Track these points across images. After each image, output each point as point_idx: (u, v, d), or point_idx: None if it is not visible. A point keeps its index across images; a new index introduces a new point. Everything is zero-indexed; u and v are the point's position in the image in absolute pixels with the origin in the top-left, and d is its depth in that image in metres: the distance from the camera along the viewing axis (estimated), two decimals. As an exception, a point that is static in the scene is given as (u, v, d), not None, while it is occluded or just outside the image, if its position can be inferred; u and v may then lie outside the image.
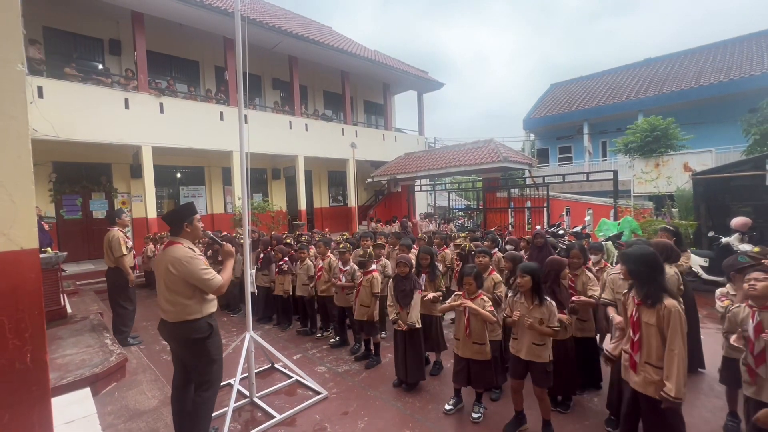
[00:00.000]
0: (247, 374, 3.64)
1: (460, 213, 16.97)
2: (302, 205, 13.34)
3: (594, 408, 3.33)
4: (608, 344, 2.79)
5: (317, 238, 6.92)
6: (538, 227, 10.28)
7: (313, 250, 5.82)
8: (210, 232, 3.59)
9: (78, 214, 10.46)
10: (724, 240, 6.35)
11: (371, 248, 4.93)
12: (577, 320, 3.43)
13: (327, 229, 12.21)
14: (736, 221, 6.23)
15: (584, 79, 23.76)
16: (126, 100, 9.46)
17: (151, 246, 8.33)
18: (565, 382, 3.25)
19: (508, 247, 5.48)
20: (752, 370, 2.37)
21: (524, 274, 2.89)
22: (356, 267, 4.76)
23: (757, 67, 15.55)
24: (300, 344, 5.12)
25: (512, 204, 12.69)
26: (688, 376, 2.46)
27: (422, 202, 17.76)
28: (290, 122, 12.99)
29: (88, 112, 8.82)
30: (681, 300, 2.29)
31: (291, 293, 5.75)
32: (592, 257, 4.10)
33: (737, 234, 6.17)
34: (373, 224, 12.84)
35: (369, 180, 16.46)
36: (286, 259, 5.86)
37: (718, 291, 3.06)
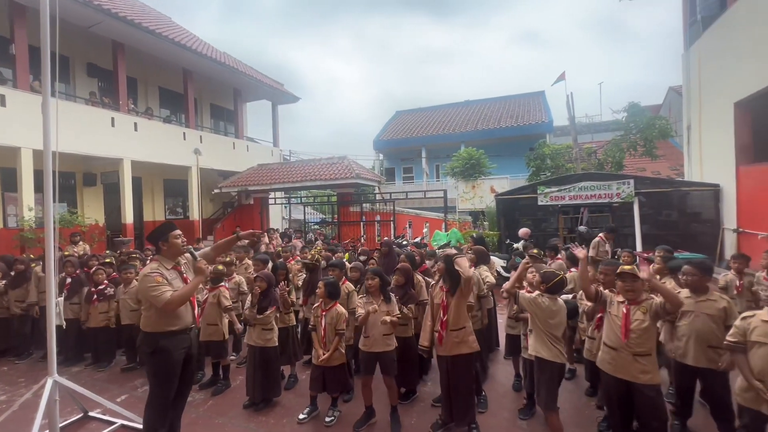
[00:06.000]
0: (48, 431, 2.87)
1: (316, 226, 17.18)
2: (128, 218, 11.20)
3: (428, 390, 3.91)
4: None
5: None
6: (386, 238, 11.33)
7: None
8: (191, 247, 2.88)
9: None
10: (515, 246, 8.35)
11: (220, 265, 4.55)
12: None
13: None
14: (521, 231, 8.31)
15: (423, 110, 27.59)
16: None
17: None
18: (408, 375, 3.71)
19: (361, 258, 5.93)
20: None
21: (373, 276, 3.30)
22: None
23: (533, 118, 21.15)
24: (126, 383, 4.30)
25: (364, 218, 13.61)
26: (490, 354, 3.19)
27: (277, 216, 17.22)
28: (113, 118, 10.84)
29: None
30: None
31: (116, 323, 4.80)
32: (428, 263, 4.87)
33: (522, 241, 8.22)
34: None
35: (216, 191, 15.06)
36: (107, 282, 4.89)
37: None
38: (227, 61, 14.68)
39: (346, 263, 4.95)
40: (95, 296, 4.76)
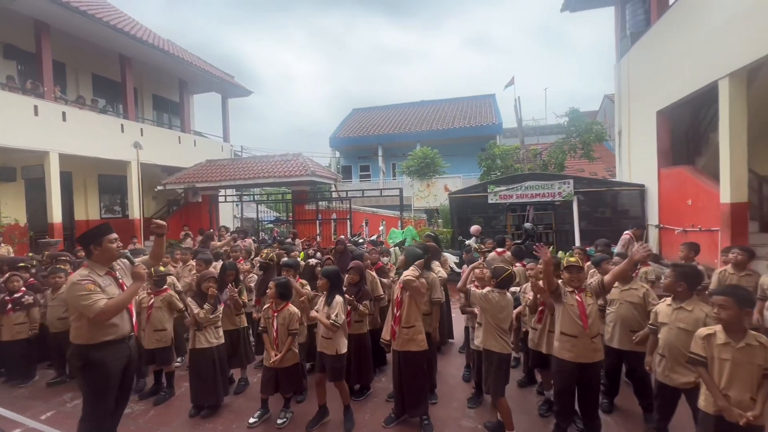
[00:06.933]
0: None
1: (270, 225, 16.66)
2: (56, 218, 10.14)
3: (382, 386, 3.96)
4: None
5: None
6: (341, 236, 11.27)
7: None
8: (128, 251, 2.67)
9: None
10: (467, 242, 8.66)
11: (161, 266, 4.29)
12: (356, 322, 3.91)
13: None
14: (473, 229, 8.64)
15: (379, 109, 27.69)
16: None
17: None
18: (362, 372, 3.72)
19: (319, 256, 5.85)
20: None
21: (322, 277, 3.31)
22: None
23: (484, 119, 22.03)
24: (52, 398, 3.92)
25: (320, 216, 13.43)
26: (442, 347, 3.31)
27: (228, 214, 16.46)
28: (36, 107, 9.76)
29: None
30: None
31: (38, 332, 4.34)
32: (384, 259, 4.93)
33: (474, 238, 8.55)
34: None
35: (159, 188, 14.10)
36: (24, 289, 4.40)
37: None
38: (171, 49, 13.75)
39: (301, 262, 4.87)
40: (9, 305, 4.26)
